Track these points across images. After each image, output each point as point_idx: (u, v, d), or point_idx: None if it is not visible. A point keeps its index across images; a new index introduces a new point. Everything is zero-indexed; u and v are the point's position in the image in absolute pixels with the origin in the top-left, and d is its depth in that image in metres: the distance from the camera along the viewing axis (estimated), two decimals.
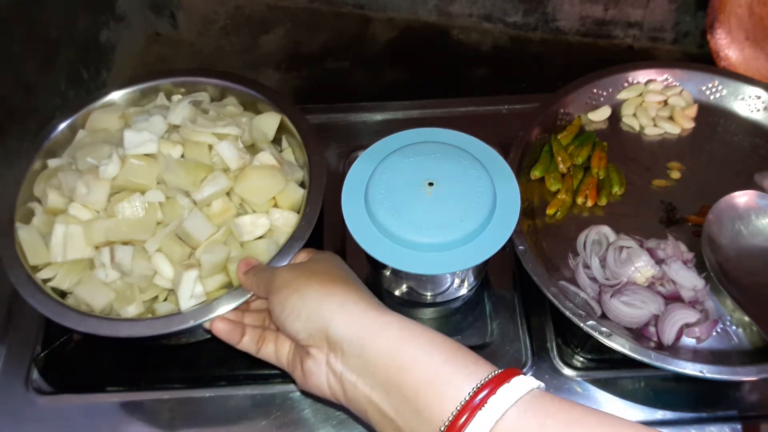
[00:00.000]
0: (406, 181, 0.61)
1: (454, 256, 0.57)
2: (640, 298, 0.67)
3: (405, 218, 0.59)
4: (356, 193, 0.63)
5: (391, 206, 0.60)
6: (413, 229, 0.58)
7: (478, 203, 0.59)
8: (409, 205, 0.60)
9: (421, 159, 0.63)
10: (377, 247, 0.59)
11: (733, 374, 0.61)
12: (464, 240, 0.58)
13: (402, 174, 0.62)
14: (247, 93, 0.81)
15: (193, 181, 0.68)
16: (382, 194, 0.61)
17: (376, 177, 0.62)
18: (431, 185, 0.60)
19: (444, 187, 0.60)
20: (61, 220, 0.66)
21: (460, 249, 0.58)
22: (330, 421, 0.68)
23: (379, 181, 0.62)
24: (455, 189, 0.60)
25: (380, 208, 0.60)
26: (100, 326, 0.62)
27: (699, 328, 0.66)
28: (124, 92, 0.80)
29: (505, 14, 1.08)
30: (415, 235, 0.58)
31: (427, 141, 0.66)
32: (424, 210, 0.59)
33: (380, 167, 0.63)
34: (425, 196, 0.60)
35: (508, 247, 0.64)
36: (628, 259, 0.69)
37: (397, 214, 0.59)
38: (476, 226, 0.58)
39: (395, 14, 1.13)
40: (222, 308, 0.62)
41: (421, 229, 0.58)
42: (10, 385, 0.71)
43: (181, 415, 0.69)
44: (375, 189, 0.62)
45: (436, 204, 0.59)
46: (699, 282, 0.68)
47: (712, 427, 0.65)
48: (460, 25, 1.11)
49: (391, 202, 0.60)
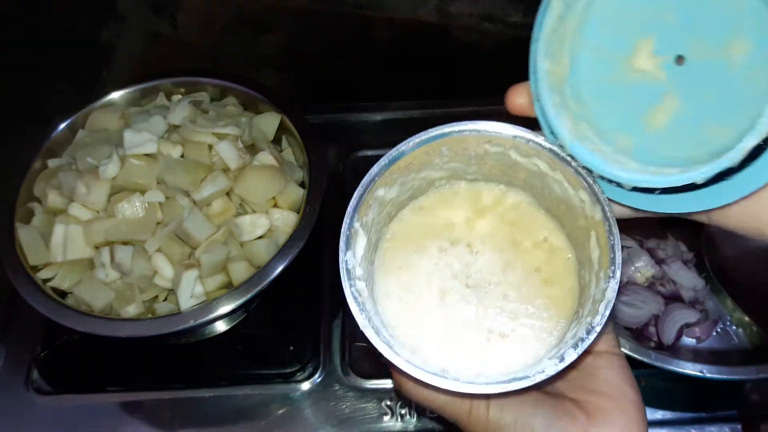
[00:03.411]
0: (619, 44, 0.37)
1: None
2: (640, 298, 0.67)
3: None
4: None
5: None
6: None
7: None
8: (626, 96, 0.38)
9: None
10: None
11: (733, 374, 0.61)
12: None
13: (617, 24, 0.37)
14: (247, 93, 0.81)
15: (193, 181, 0.68)
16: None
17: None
18: (681, 61, 0.36)
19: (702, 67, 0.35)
20: (61, 220, 0.66)
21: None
22: (330, 421, 0.68)
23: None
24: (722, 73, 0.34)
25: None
26: (100, 326, 0.62)
27: (699, 328, 0.66)
28: (124, 92, 0.80)
29: (505, 14, 1.08)
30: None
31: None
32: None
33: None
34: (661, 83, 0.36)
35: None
36: (628, 259, 0.69)
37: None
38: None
39: (395, 14, 1.13)
40: (222, 308, 0.62)
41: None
42: (10, 385, 0.71)
43: (181, 415, 0.69)
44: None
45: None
46: (699, 282, 0.68)
47: (712, 427, 0.65)
48: (460, 25, 1.11)
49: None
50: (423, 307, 0.45)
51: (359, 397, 0.71)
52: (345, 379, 0.72)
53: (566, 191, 0.43)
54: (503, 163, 0.46)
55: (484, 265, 0.46)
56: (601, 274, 0.40)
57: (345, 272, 0.41)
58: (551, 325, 0.43)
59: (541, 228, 0.47)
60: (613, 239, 0.39)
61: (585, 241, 0.43)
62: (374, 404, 0.70)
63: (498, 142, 0.44)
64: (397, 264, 0.47)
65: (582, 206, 0.42)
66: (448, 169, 0.48)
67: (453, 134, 0.44)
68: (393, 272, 0.46)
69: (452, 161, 0.47)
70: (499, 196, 0.49)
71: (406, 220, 0.49)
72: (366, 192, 0.43)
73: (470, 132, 0.44)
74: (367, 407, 0.70)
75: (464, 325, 0.44)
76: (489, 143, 0.44)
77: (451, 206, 0.49)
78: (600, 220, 0.40)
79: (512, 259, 0.46)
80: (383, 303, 0.45)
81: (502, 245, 0.47)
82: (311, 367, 0.72)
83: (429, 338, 0.44)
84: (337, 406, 0.70)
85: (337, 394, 0.71)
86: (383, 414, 0.69)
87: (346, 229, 0.42)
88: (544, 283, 0.45)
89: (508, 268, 0.46)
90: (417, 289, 0.45)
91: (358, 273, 0.42)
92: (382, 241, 0.48)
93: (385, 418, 0.69)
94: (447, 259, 0.47)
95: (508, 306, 0.44)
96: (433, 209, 0.49)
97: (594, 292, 0.40)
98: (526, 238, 0.47)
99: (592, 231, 0.42)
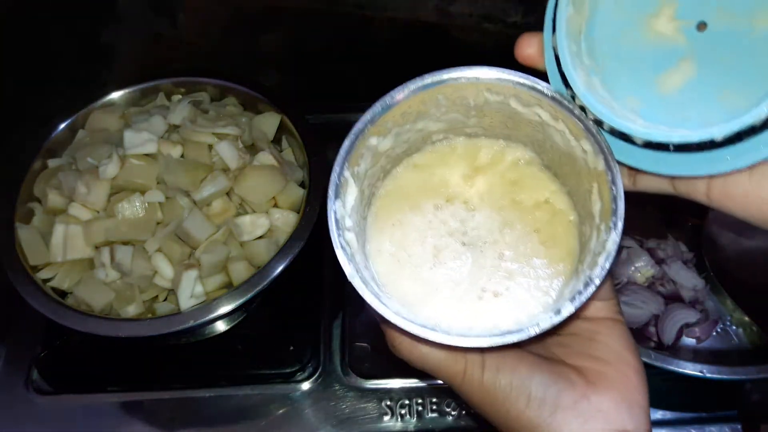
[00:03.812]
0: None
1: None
2: (640, 298, 0.67)
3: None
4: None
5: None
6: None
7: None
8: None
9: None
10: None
11: (733, 374, 0.61)
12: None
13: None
14: (247, 93, 0.81)
15: (193, 181, 0.68)
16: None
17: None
18: (702, 27, 0.36)
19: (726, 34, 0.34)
20: (61, 220, 0.66)
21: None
22: (330, 421, 0.68)
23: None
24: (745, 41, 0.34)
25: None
26: (100, 326, 0.62)
27: (699, 328, 0.66)
28: (124, 92, 0.81)
29: (505, 14, 1.08)
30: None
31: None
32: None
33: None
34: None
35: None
36: (628, 259, 0.69)
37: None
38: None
39: (395, 14, 1.12)
40: (222, 308, 0.62)
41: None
42: (10, 385, 0.71)
43: (181, 415, 0.69)
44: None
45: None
46: (699, 282, 0.69)
47: (712, 427, 0.65)
48: (460, 25, 1.11)
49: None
50: (415, 264, 0.43)
51: (359, 397, 0.71)
52: (345, 379, 0.72)
53: (568, 142, 0.41)
54: (504, 114, 0.44)
55: (481, 223, 0.45)
56: (602, 226, 0.38)
57: (333, 222, 0.39)
58: (547, 284, 0.42)
59: (543, 189, 0.45)
60: (615, 190, 0.38)
61: (587, 197, 0.41)
62: (374, 404, 0.70)
63: (498, 90, 0.42)
64: (390, 221, 0.45)
65: (584, 157, 0.40)
66: (447, 120, 0.46)
67: (450, 81, 0.42)
68: (386, 230, 0.45)
69: (450, 112, 0.45)
70: (499, 153, 0.47)
71: (401, 178, 0.47)
72: (357, 140, 0.42)
73: (468, 80, 0.42)
74: (367, 407, 0.70)
75: (457, 282, 0.43)
76: (489, 91, 0.43)
77: (448, 163, 0.47)
78: (603, 170, 0.38)
79: (511, 219, 0.45)
80: (375, 260, 0.44)
81: (501, 204, 0.45)
82: (311, 367, 0.72)
83: (421, 295, 0.42)
84: (337, 406, 0.70)
85: (337, 394, 0.71)
86: (383, 414, 0.69)
87: (335, 178, 0.41)
88: (542, 244, 0.44)
89: (506, 227, 0.45)
90: (410, 246, 0.44)
91: (348, 224, 0.41)
92: (375, 198, 0.46)
93: (385, 418, 0.69)
94: (442, 216, 0.45)
95: (504, 265, 0.43)
96: (429, 167, 0.47)
97: (594, 245, 0.39)
98: (527, 198, 0.45)
99: (594, 183, 0.40)
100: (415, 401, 0.70)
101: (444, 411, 0.69)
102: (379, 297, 0.38)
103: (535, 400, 0.39)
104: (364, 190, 0.44)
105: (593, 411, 0.39)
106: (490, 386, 0.40)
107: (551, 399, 0.39)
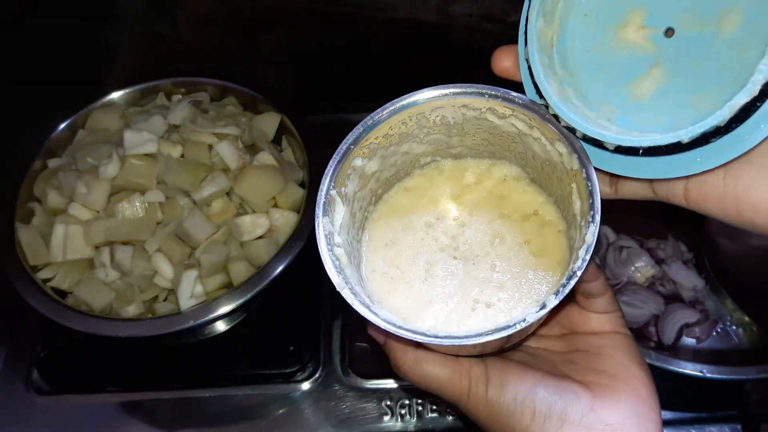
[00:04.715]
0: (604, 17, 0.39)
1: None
2: (640, 298, 0.67)
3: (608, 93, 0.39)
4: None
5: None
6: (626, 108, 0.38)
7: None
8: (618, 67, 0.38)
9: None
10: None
11: (733, 374, 0.61)
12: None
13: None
14: (247, 93, 0.81)
15: (193, 181, 0.68)
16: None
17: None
18: (670, 33, 0.37)
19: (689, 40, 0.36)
20: (61, 220, 0.66)
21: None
22: (330, 421, 0.68)
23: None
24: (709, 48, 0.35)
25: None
26: (100, 326, 0.62)
27: (699, 328, 0.66)
28: (124, 92, 0.81)
29: (505, 14, 1.08)
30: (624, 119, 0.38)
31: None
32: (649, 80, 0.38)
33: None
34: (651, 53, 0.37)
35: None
36: (628, 259, 0.69)
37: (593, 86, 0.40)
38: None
39: (395, 14, 1.12)
40: (222, 308, 0.62)
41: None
42: (10, 385, 0.71)
43: (181, 415, 0.69)
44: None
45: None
46: (699, 282, 0.69)
47: (712, 427, 0.65)
48: (460, 25, 1.11)
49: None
50: (408, 280, 0.45)
51: (359, 397, 0.70)
52: (345, 379, 0.72)
53: (545, 147, 0.42)
54: (484, 130, 0.46)
55: (472, 237, 0.46)
56: (582, 222, 0.39)
57: (323, 237, 0.41)
58: (538, 293, 0.43)
59: (531, 201, 0.47)
60: (591, 185, 0.39)
61: (569, 199, 0.42)
62: (374, 404, 0.70)
63: (474, 105, 0.43)
64: (383, 242, 0.47)
65: (561, 160, 0.41)
66: (430, 141, 0.47)
67: (423, 102, 0.44)
68: (379, 250, 0.46)
69: (433, 132, 0.46)
70: (486, 171, 0.49)
71: (393, 201, 0.49)
72: (342, 160, 0.43)
73: (443, 96, 0.43)
74: (367, 407, 0.70)
75: (450, 294, 0.44)
76: (465, 107, 0.44)
77: (438, 185, 0.49)
78: (578, 168, 0.39)
79: (501, 231, 0.46)
80: (371, 280, 0.45)
81: (491, 217, 0.47)
82: (311, 367, 0.72)
83: (415, 309, 0.43)
84: (337, 406, 0.70)
85: (337, 394, 0.71)
86: (383, 414, 0.69)
87: (322, 196, 0.42)
88: (533, 254, 0.45)
89: (496, 240, 0.46)
90: (402, 264, 0.45)
91: (337, 240, 0.42)
92: (369, 222, 0.48)
93: (385, 418, 0.69)
94: (434, 234, 0.47)
95: (495, 276, 0.44)
96: (419, 189, 0.49)
97: (577, 242, 0.40)
98: (516, 212, 0.46)
99: (573, 183, 0.41)
100: (415, 401, 0.70)
101: (444, 411, 0.69)
102: (369, 306, 0.39)
103: (540, 415, 0.39)
104: (356, 213, 0.45)
105: (601, 425, 0.39)
106: (495, 402, 0.40)
107: (557, 413, 0.39)
